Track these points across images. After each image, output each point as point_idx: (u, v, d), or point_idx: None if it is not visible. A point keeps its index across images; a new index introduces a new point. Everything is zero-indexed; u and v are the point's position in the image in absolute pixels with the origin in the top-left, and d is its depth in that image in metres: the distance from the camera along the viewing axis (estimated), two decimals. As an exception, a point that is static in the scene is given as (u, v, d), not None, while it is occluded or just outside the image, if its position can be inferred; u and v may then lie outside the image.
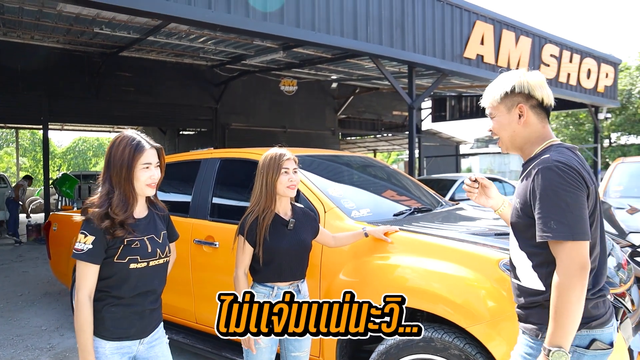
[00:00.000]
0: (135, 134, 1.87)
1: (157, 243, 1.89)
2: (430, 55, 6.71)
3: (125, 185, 1.80)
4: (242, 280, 2.29)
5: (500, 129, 1.70)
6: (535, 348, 1.58)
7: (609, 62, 10.78)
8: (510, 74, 1.69)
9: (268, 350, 2.29)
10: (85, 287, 1.75)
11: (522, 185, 1.61)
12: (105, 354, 1.79)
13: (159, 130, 17.33)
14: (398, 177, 4.15)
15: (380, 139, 21.40)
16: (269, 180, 2.30)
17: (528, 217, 1.55)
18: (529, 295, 1.60)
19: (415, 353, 2.41)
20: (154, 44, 8.56)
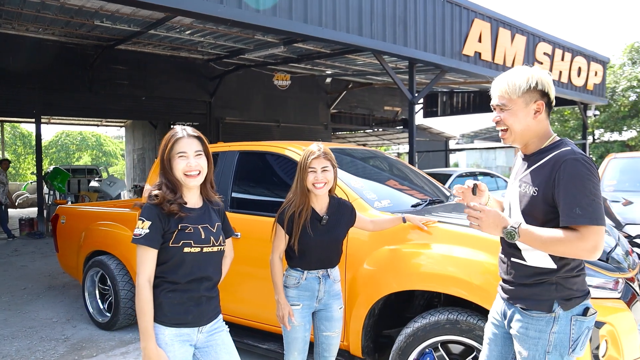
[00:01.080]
0: (179, 127, 1.96)
1: (211, 232, 1.94)
2: (431, 51, 6.84)
3: (167, 175, 1.91)
4: (277, 264, 2.48)
5: (514, 122, 1.76)
6: (543, 323, 1.72)
7: (598, 61, 11.08)
8: (528, 70, 1.76)
9: (302, 328, 2.47)
10: (145, 272, 1.81)
11: (539, 174, 1.71)
12: (165, 341, 1.83)
13: (149, 124, 17.21)
14: (409, 171, 4.29)
15: (370, 134, 21.57)
16: (301, 177, 2.45)
17: (546, 203, 1.68)
18: (536, 274, 1.74)
19: (442, 334, 2.55)
20: (153, 37, 8.54)
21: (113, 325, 4.32)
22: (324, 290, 2.48)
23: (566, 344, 1.71)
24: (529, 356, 1.74)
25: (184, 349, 1.87)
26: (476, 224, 1.74)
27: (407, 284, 2.70)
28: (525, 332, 1.75)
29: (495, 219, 1.70)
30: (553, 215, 1.67)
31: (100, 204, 6.26)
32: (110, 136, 40.25)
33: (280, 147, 3.54)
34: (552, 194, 1.66)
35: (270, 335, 3.39)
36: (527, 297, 1.76)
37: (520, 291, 1.79)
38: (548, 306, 1.71)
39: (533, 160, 1.77)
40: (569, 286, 1.72)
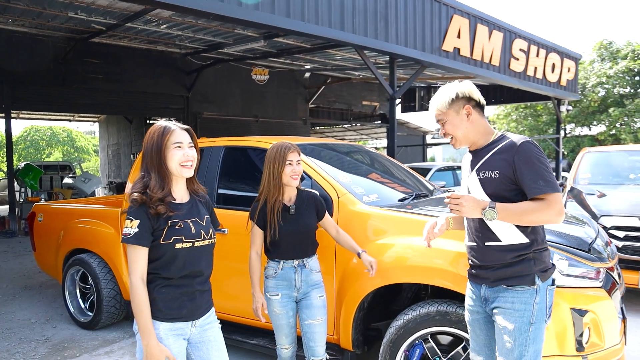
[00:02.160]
0: (164, 121, 1.96)
1: (201, 225, 1.95)
2: (412, 47, 6.90)
3: (159, 167, 1.87)
4: (254, 259, 2.62)
5: (454, 129, 2.07)
6: (527, 295, 1.93)
7: (571, 57, 11.36)
8: (448, 87, 2.09)
9: (284, 315, 2.60)
10: (137, 270, 1.82)
11: (497, 159, 1.96)
12: (160, 335, 1.84)
13: (124, 119, 16.87)
14: (393, 165, 4.33)
15: (348, 129, 21.63)
16: (274, 171, 2.55)
17: (510, 182, 1.93)
18: (513, 251, 1.95)
19: (432, 326, 2.60)
20: (129, 30, 8.35)
21: (96, 325, 4.24)
22: (300, 280, 2.59)
23: (544, 312, 1.94)
24: (514, 329, 1.92)
25: (178, 343, 1.89)
26: (457, 210, 1.93)
27: (395, 278, 2.73)
28: (512, 306, 1.93)
29: (474, 202, 1.91)
30: (515, 192, 1.93)
31: (78, 201, 6.11)
32: (82, 131, 39.30)
33: (266, 142, 3.51)
34: (513, 173, 1.91)
35: (259, 330, 3.39)
36: (511, 275, 1.95)
37: (503, 272, 1.97)
38: (530, 280, 1.93)
39: (485, 151, 2.03)
40: (543, 259, 1.97)
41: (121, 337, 4.16)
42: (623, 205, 4.91)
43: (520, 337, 1.91)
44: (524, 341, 1.91)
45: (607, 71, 17.95)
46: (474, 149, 2.10)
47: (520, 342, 1.91)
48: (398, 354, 2.68)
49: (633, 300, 4.88)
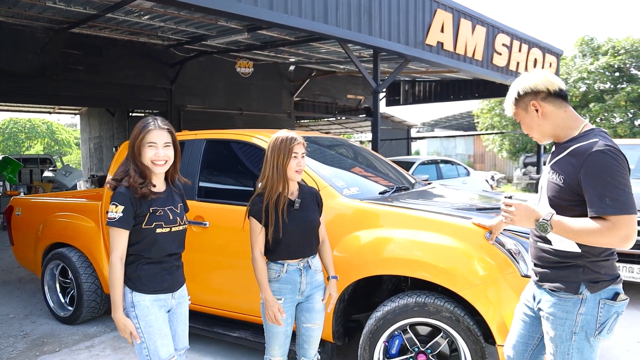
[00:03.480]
0: (151, 117, 2.15)
1: (176, 213, 2.22)
2: (395, 41, 6.91)
3: (135, 161, 2.12)
4: (260, 260, 2.38)
5: (528, 129, 1.95)
6: (570, 304, 1.79)
7: (552, 53, 11.50)
8: (514, 83, 1.95)
9: (284, 322, 2.39)
10: (118, 250, 2.06)
11: (567, 162, 1.78)
12: (146, 305, 2.11)
13: (106, 112, 16.61)
14: (375, 158, 4.35)
15: (333, 122, 21.62)
16: (279, 163, 2.35)
17: (573, 193, 1.76)
18: (562, 257, 1.83)
19: (410, 317, 2.63)
20: (110, 21, 8.20)
21: (76, 319, 4.20)
22: (306, 282, 2.44)
23: (593, 326, 1.77)
24: (555, 336, 1.82)
25: (162, 312, 2.15)
26: (509, 218, 1.84)
27: (376, 269, 2.77)
28: (554, 312, 1.83)
29: (527, 212, 1.80)
30: (577, 202, 1.76)
31: (58, 195, 6.03)
32: (64, 124, 38.59)
33: (247, 135, 3.52)
34: (578, 183, 1.73)
35: (240, 323, 3.39)
36: (555, 279, 1.84)
37: (549, 274, 1.87)
38: (574, 288, 1.78)
39: (562, 148, 1.85)
40: (596, 270, 1.79)
41: (102, 331, 4.13)
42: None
43: (561, 345, 1.81)
44: (566, 350, 1.80)
45: (588, 67, 18.21)
46: (556, 141, 1.91)
47: (562, 350, 1.81)
48: (377, 344, 2.71)
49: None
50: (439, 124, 33.49)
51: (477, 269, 2.52)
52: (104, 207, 4.03)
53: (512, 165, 22.99)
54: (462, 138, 27.43)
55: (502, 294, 2.47)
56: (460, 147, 27.65)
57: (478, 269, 2.52)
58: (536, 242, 1.94)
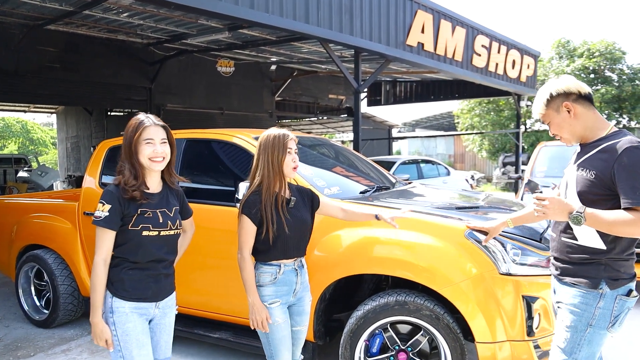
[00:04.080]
0: (143, 114, 2.08)
1: (168, 216, 2.09)
2: (376, 41, 6.94)
3: (131, 159, 2.03)
4: (249, 261, 2.28)
5: (559, 129, 2.01)
6: (590, 297, 1.90)
7: (530, 54, 11.71)
8: (543, 87, 2.03)
9: (286, 324, 2.34)
10: (102, 251, 1.97)
11: (598, 159, 1.87)
12: (125, 312, 1.99)
13: (84, 111, 16.31)
14: (355, 158, 4.37)
15: (314, 122, 21.64)
16: (274, 160, 2.29)
17: (604, 187, 1.85)
18: (586, 253, 1.91)
19: (391, 316, 2.65)
20: (87, 18, 8.04)
21: (52, 323, 4.12)
22: (300, 282, 2.38)
23: (607, 319, 1.88)
24: (571, 325, 1.92)
25: (141, 320, 2.04)
26: (542, 212, 1.88)
27: (357, 268, 2.78)
28: (574, 304, 1.92)
29: (561, 205, 1.85)
30: (607, 197, 1.84)
31: (33, 195, 5.89)
32: (39, 123, 37.74)
33: (228, 135, 3.49)
34: (611, 178, 1.82)
35: (221, 324, 3.37)
36: (577, 274, 1.93)
37: (571, 269, 1.95)
38: (595, 283, 1.88)
39: (590, 147, 1.94)
40: (617, 268, 1.89)
41: (79, 334, 4.06)
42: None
43: (575, 335, 1.90)
44: (578, 340, 1.90)
45: (565, 69, 18.59)
46: (583, 142, 2.01)
47: (574, 339, 1.90)
48: (358, 343, 2.72)
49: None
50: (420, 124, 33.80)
51: (456, 268, 2.55)
52: (81, 207, 3.96)
53: (491, 165, 23.32)
54: (443, 138, 27.72)
55: (481, 291, 2.50)
56: (441, 147, 27.94)
57: (457, 267, 2.55)
58: (561, 237, 2.00)
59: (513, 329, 2.48)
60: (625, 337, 3.82)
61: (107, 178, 3.92)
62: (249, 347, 3.12)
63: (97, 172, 3.98)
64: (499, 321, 2.48)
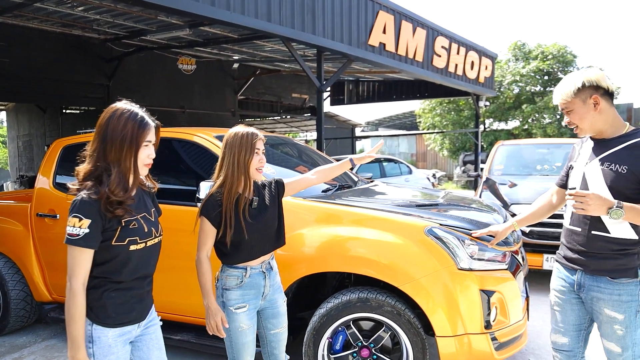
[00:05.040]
0: (133, 106, 1.77)
1: (151, 222, 1.83)
2: (339, 41, 6.99)
3: (125, 163, 1.70)
4: (205, 263, 2.19)
5: (580, 119, 2.03)
6: (632, 286, 1.98)
7: (488, 56, 12.07)
8: (575, 74, 2.03)
9: (251, 330, 2.27)
10: (80, 275, 1.65)
11: (629, 154, 1.94)
12: (108, 343, 1.71)
13: (36, 108, 15.63)
14: (319, 157, 4.39)
15: (278, 121, 21.55)
16: (240, 160, 2.18)
17: (633, 181, 1.91)
18: (620, 244, 1.98)
19: (353, 313, 2.68)
20: (39, 11, 7.72)
21: (2, 330, 3.93)
22: (269, 285, 2.31)
23: None
24: (625, 318, 1.98)
25: (125, 348, 1.78)
26: (582, 207, 1.90)
27: (320, 267, 2.79)
28: (619, 298, 1.98)
29: (600, 200, 1.88)
30: (637, 190, 1.92)
31: (-19, 197, 5.60)
32: (-12, 121, 35.92)
33: (188, 134, 3.44)
34: None
35: (182, 326, 3.32)
36: (614, 268, 1.99)
37: (605, 263, 2.00)
38: (634, 272, 1.97)
39: (616, 142, 2.00)
40: None
41: (32, 341, 3.89)
42: (530, 194, 5.32)
43: (631, 325, 1.98)
44: (634, 327, 1.98)
45: (521, 70, 19.26)
46: (599, 137, 2.05)
47: (631, 329, 1.98)
48: (321, 341, 2.74)
49: (537, 280, 5.32)
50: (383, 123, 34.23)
51: (416, 264, 2.61)
52: (34, 209, 3.80)
53: (452, 164, 23.90)
54: (405, 137, 28.18)
55: (441, 287, 2.57)
56: (403, 146, 28.41)
57: (418, 263, 2.60)
58: (590, 231, 2.04)
59: (472, 323, 2.55)
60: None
61: (61, 178, 3.79)
62: (212, 349, 3.09)
63: (51, 172, 3.84)
64: (458, 315, 2.55)
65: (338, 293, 2.77)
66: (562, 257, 2.18)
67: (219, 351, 3.03)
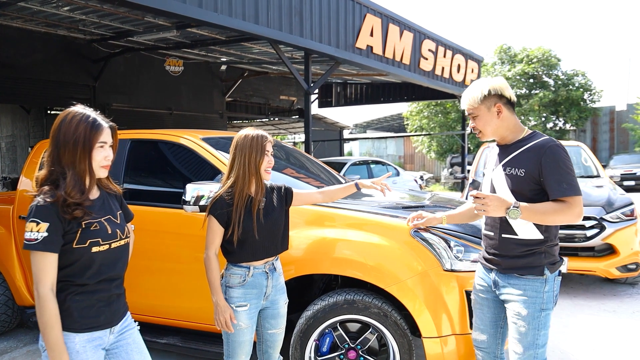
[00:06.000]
0: (86, 109, 1.76)
1: (116, 224, 1.81)
2: (326, 43, 7.01)
3: (80, 165, 1.69)
4: (214, 261, 2.22)
5: (484, 125, 2.16)
6: (537, 284, 2.08)
7: (474, 59, 12.20)
8: (481, 82, 2.17)
9: (249, 330, 2.29)
10: (47, 280, 1.61)
11: (525, 157, 2.06)
12: (76, 349, 1.67)
13: (20, 109, 15.42)
14: (305, 159, 4.39)
15: (266, 123, 21.52)
16: (251, 161, 2.23)
17: (534, 182, 2.04)
18: (527, 245, 2.09)
19: (340, 315, 2.68)
20: (23, 10, 7.61)
21: (-17, 334, 3.86)
22: (271, 286, 2.34)
23: (552, 300, 2.10)
24: (528, 314, 2.07)
25: (97, 355, 1.73)
26: (483, 209, 2.01)
27: (307, 269, 2.79)
28: (524, 294, 2.08)
29: (499, 201, 1.99)
30: (537, 191, 2.04)
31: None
32: (-29, 122, 35.29)
33: (174, 135, 3.42)
34: (539, 173, 2.01)
35: (168, 329, 3.29)
36: (522, 266, 2.10)
37: (515, 262, 2.11)
38: (540, 270, 2.08)
39: (514, 147, 2.13)
40: (553, 253, 2.11)
41: (13, 346, 3.83)
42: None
43: (533, 322, 2.06)
44: (536, 325, 2.06)
45: (506, 73, 19.52)
46: (502, 143, 2.18)
47: (533, 326, 2.06)
48: (308, 343, 2.74)
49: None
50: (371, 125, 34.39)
51: (403, 265, 2.62)
52: (17, 211, 3.74)
53: (440, 166, 24.08)
54: (393, 139, 28.33)
55: (427, 288, 2.58)
56: (391, 148, 28.54)
57: (404, 265, 2.62)
58: (501, 234, 2.15)
59: (457, 323, 2.58)
60: (560, 327, 4.05)
61: (45, 180, 3.73)
62: (198, 352, 3.07)
63: (35, 174, 3.78)
64: (444, 316, 2.57)
65: (325, 295, 2.77)
66: (482, 257, 2.30)
67: (205, 355, 3.02)
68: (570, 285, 5.32)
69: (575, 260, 4.82)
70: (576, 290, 5.11)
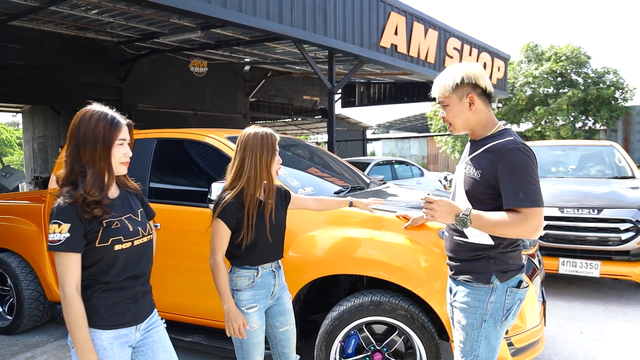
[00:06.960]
0: (103, 107, 1.77)
1: (137, 222, 1.81)
2: (350, 42, 6.96)
3: (100, 163, 1.70)
4: (222, 266, 2.15)
5: (454, 117, 1.93)
6: (482, 293, 1.87)
7: (501, 57, 11.96)
8: (455, 68, 1.92)
9: (261, 330, 2.26)
10: (72, 280, 1.63)
11: (484, 158, 1.86)
12: (103, 346, 1.68)
13: (51, 110, 15.82)
14: (329, 158, 4.36)
15: (289, 123, 21.59)
16: (262, 161, 2.14)
17: (489, 187, 1.83)
18: (476, 250, 1.90)
19: (366, 316, 2.64)
20: (54, 14, 7.81)
21: (16, 329, 3.96)
22: (278, 284, 2.31)
23: (500, 313, 1.87)
24: (467, 324, 1.90)
25: (124, 352, 1.74)
26: (431, 214, 1.84)
27: (332, 269, 2.76)
28: (467, 302, 1.90)
29: (448, 207, 1.82)
30: (493, 196, 1.83)
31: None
32: (4, 123, 36.54)
33: (200, 135, 3.43)
34: (495, 178, 1.80)
35: (193, 327, 3.30)
36: (469, 271, 1.91)
37: (463, 266, 1.93)
38: (487, 278, 1.86)
39: (478, 145, 1.91)
40: (505, 260, 1.88)
41: (45, 340, 3.92)
42: (545, 197, 5.23)
43: (472, 333, 1.89)
44: (475, 337, 1.89)
45: (533, 72, 19.08)
46: (472, 138, 1.98)
47: (472, 337, 1.89)
48: (334, 344, 2.71)
49: (552, 284, 5.23)
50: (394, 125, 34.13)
51: (430, 267, 2.56)
52: (48, 209, 3.82)
53: (463, 166, 23.69)
54: (416, 139, 28.06)
55: (455, 290, 2.52)
56: (415, 149, 28.28)
57: (431, 266, 2.56)
58: (452, 236, 1.99)
59: (486, 327, 2.50)
60: (577, 327, 3.92)
61: (74, 179, 3.80)
62: (223, 351, 3.07)
63: (63, 173, 3.85)
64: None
65: (350, 296, 2.73)
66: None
67: (230, 353, 3.02)
68: (604, 290, 5.14)
69: (609, 265, 4.66)
70: (609, 296, 4.94)
